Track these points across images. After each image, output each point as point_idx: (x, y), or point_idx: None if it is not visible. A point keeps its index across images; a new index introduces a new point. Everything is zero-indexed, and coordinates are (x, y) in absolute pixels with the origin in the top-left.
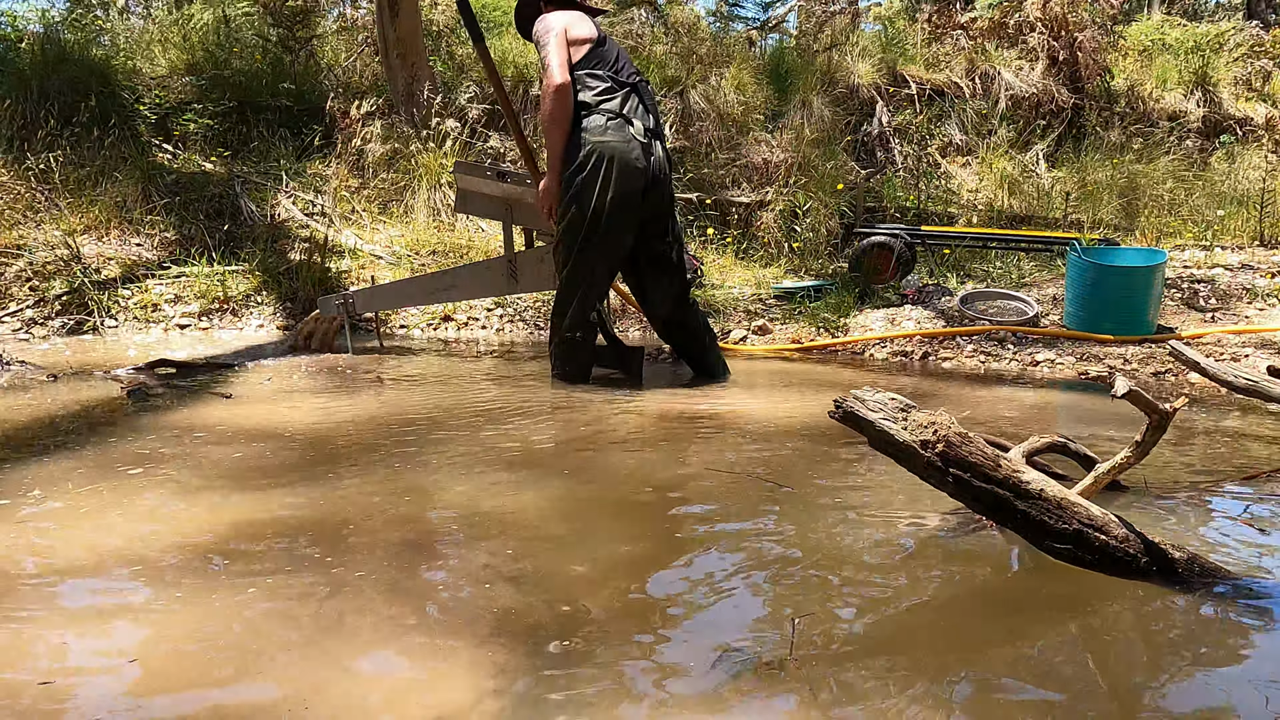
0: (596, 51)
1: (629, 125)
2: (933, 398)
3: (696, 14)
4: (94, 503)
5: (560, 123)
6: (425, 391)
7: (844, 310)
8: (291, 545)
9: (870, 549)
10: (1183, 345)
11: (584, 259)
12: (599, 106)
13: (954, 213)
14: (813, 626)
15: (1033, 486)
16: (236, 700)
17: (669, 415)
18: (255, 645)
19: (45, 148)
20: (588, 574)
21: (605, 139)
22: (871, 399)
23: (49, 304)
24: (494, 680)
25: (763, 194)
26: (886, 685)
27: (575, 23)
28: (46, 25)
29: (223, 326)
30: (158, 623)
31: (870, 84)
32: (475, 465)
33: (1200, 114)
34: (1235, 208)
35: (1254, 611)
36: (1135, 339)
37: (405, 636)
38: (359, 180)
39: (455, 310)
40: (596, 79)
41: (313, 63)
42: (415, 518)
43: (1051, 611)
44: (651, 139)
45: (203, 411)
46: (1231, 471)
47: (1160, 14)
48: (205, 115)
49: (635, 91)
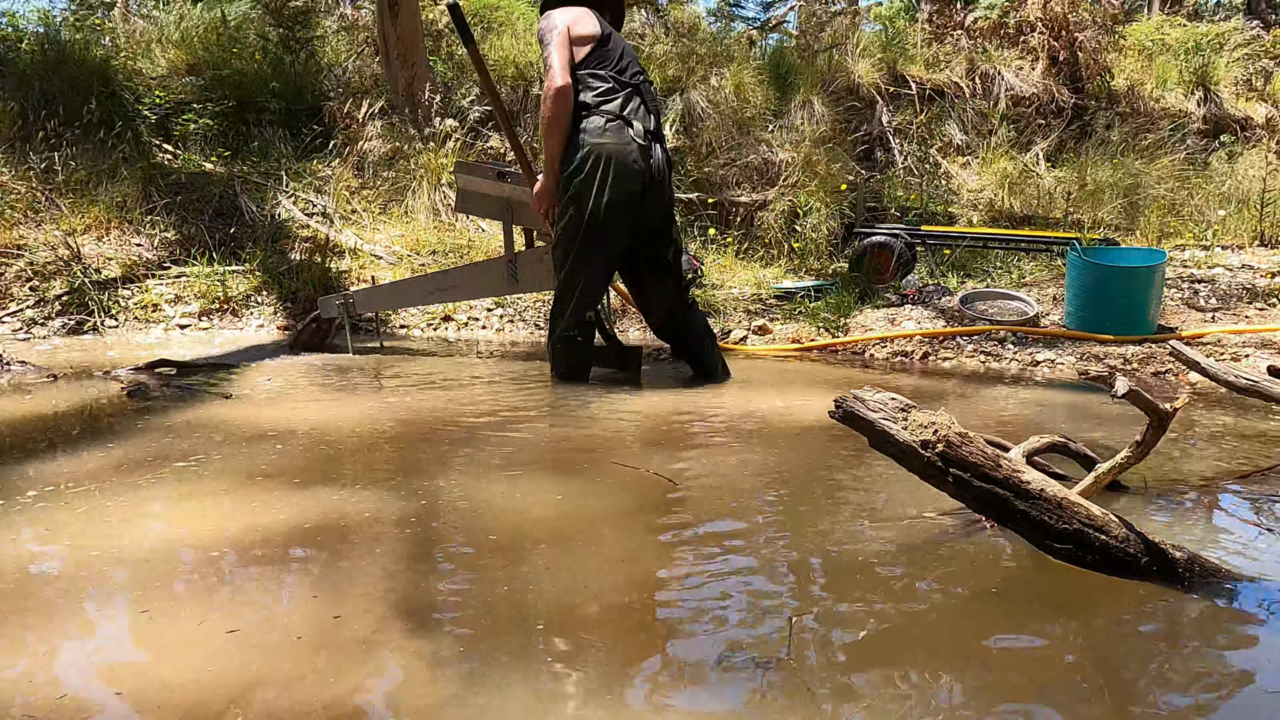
0: (600, 50)
1: (628, 127)
2: (933, 398)
3: (697, 14)
4: (89, 504)
5: (559, 125)
6: (424, 392)
7: (844, 310)
8: (293, 547)
9: (870, 549)
10: (1183, 345)
11: (582, 260)
12: (599, 108)
13: (954, 213)
14: (812, 627)
15: (1033, 486)
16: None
17: (668, 415)
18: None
19: (46, 148)
20: (587, 573)
21: (603, 141)
22: (871, 399)
23: (49, 304)
24: (493, 680)
25: (763, 194)
26: (886, 685)
27: (580, 20)
28: (47, 25)
29: (223, 327)
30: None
31: (871, 84)
32: (474, 465)
33: (1201, 114)
34: (1236, 208)
35: (1254, 611)
36: (1135, 339)
37: (398, 635)
38: (359, 180)
39: (455, 310)
40: (599, 79)
41: (313, 63)
42: (413, 519)
43: (1051, 611)
44: (651, 141)
45: (203, 411)
46: (1231, 471)
47: (1161, 14)
48: (205, 115)
49: (637, 92)
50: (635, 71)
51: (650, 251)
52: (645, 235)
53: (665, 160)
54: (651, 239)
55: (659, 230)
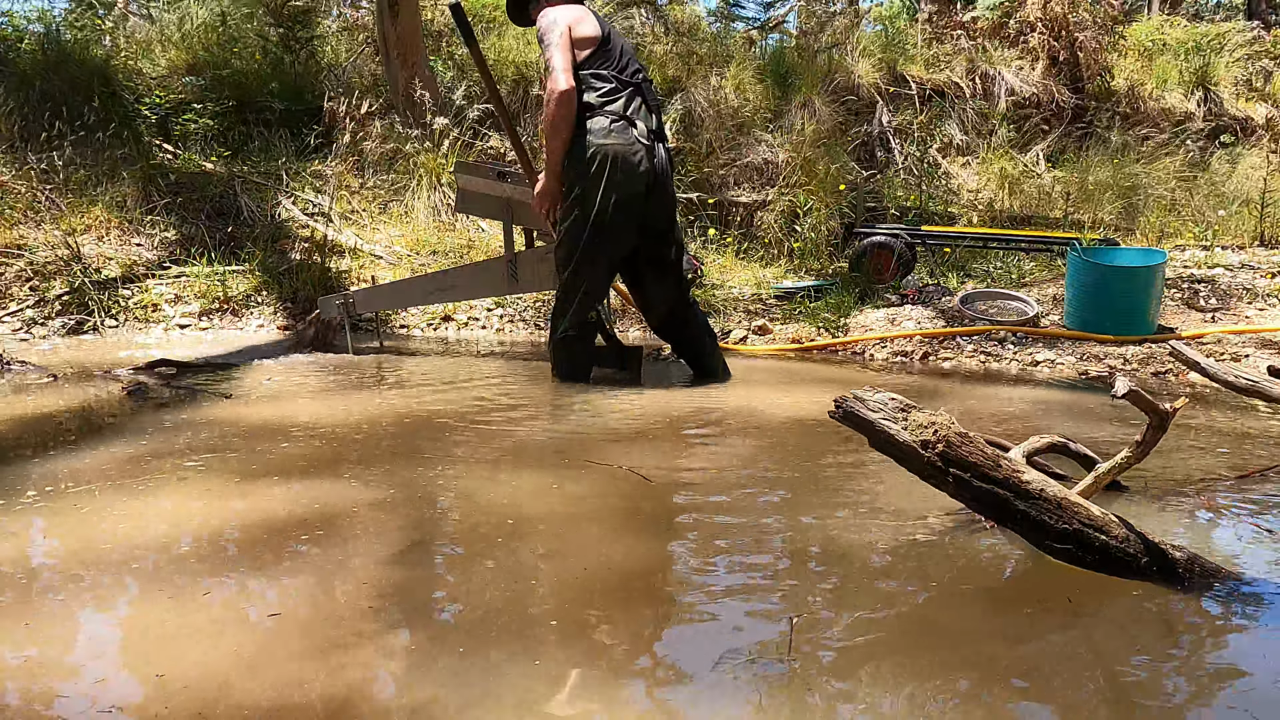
0: (602, 50)
1: (632, 127)
2: (933, 398)
3: (697, 14)
4: (92, 503)
5: (564, 127)
6: (424, 391)
7: (844, 310)
8: (293, 544)
9: (870, 549)
10: (1183, 345)
11: (586, 260)
12: (603, 108)
13: (954, 213)
14: (811, 627)
15: (1033, 486)
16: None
17: (667, 415)
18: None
19: (46, 148)
20: (586, 573)
21: (609, 141)
22: (871, 399)
23: (49, 304)
24: (492, 680)
25: (763, 194)
26: (885, 685)
27: (580, 20)
28: (47, 25)
29: (223, 326)
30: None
31: (871, 84)
32: (473, 465)
33: (1201, 114)
34: (1236, 208)
35: (1254, 611)
36: (1135, 339)
37: (397, 627)
38: (359, 180)
39: (455, 310)
40: (601, 79)
41: (313, 63)
42: (411, 519)
43: (1051, 612)
44: (654, 141)
45: (203, 411)
46: (1231, 471)
47: (1161, 14)
48: (205, 115)
49: (639, 91)
50: (636, 70)
51: (652, 251)
52: (649, 235)
53: (668, 160)
54: (655, 238)
55: (663, 230)
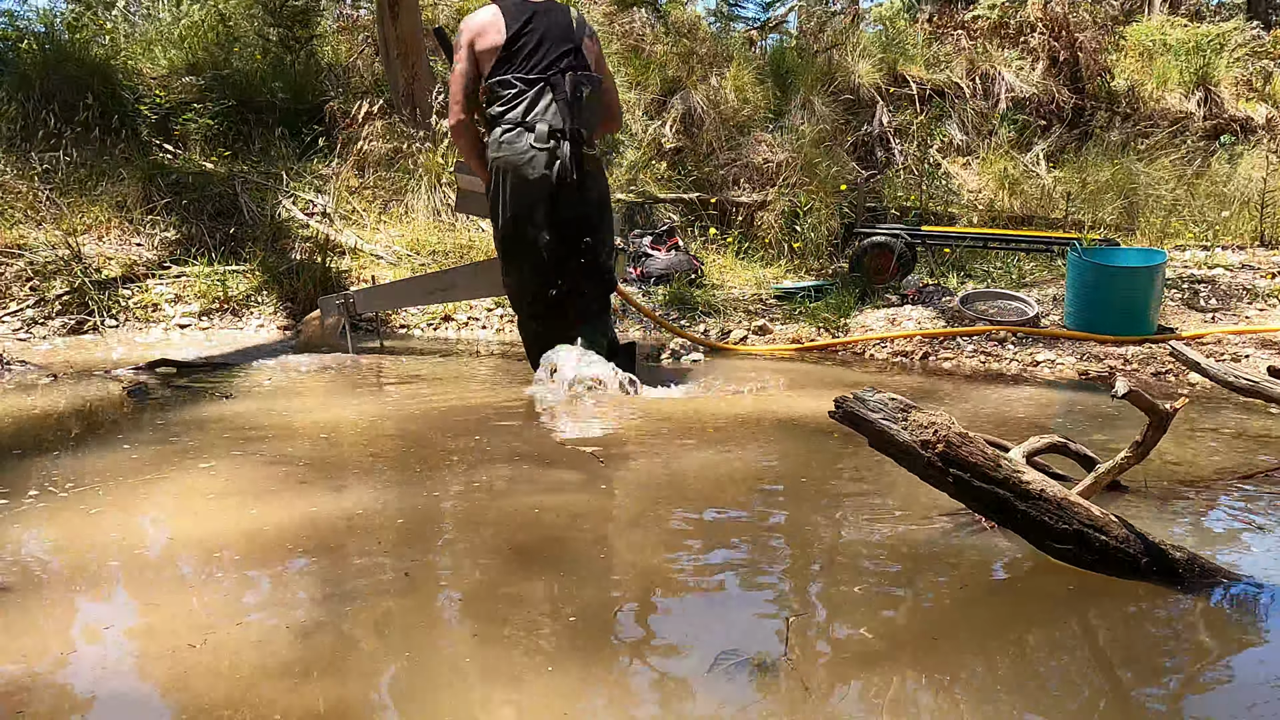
0: (507, 54)
1: (529, 132)
2: (933, 398)
3: (697, 14)
4: (90, 503)
5: (470, 155)
6: (424, 392)
7: (844, 310)
8: (294, 541)
9: (869, 549)
10: (1183, 345)
11: (508, 265)
12: (503, 118)
13: (954, 213)
14: (810, 627)
15: (1033, 487)
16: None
17: (666, 414)
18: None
19: (47, 147)
20: (586, 573)
21: (500, 155)
22: (872, 399)
23: (49, 304)
24: (493, 684)
25: (763, 194)
26: (884, 686)
27: (483, 32)
28: (47, 25)
29: (223, 326)
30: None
31: (871, 84)
32: (472, 465)
33: (1201, 114)
34: (1236, 208)
35: (1253, 612)
36: (1135, 339)
37: (398, 623)
38: (359, 180)
39: (455, 310)
40: (506, 86)
41: (313, 62)
42: (409, 518)
43: (1052, 612)
44: (559, 140)
45: (203, 411)
46: (1231, 471)
47: (1161, 14)
48: (205, 115)
49: (549, 86)
50: (553, 60)
51: (578, 248)
52: (566, 234)
53: (578, 156)
54: (575, 236)
55: (581, 227)
